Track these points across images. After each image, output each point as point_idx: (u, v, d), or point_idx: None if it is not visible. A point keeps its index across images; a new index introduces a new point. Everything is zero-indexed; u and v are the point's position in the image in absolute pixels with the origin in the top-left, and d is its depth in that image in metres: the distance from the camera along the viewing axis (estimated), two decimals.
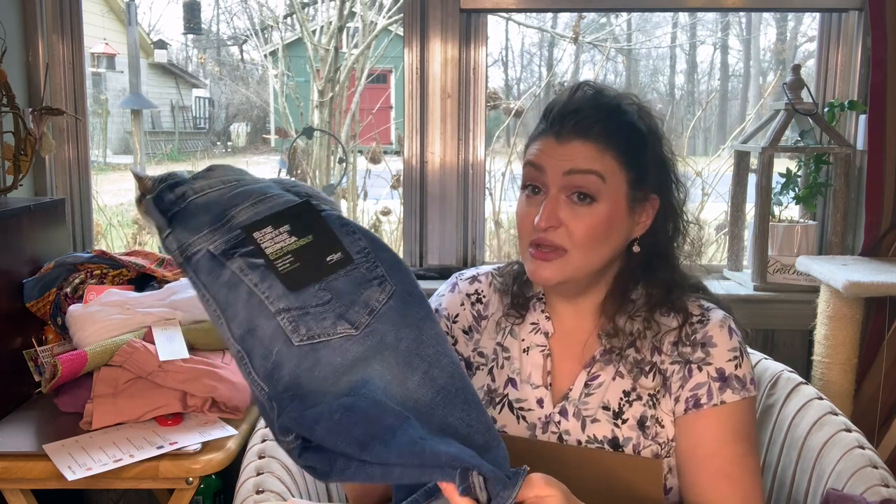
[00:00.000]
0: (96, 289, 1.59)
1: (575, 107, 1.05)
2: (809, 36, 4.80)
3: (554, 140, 1.04)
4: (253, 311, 0.81)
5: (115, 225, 3.43)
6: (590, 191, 1.02)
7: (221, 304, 0.81)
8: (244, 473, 1.13)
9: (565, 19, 3.97)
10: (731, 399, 1.04)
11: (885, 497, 1.03)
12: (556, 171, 1.03)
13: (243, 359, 0.80)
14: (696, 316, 1.08)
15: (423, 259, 2.15)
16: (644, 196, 1.07)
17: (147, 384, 1.42)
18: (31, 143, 1.82)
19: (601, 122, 1.04)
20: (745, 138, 2.10)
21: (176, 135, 7.59)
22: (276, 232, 0.84)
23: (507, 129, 3.17)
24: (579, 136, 1.03)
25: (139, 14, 6.38)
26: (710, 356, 1.06)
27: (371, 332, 0.82)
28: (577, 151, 1.03)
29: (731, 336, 1.08)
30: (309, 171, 3.24)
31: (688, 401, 1.06)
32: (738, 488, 1.03)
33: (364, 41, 3.34)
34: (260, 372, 0.80)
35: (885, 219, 1.87)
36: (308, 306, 0.82)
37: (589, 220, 1.02)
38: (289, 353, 0.80)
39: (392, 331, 0.83)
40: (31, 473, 1.30)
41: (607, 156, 1.03)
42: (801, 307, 1.87)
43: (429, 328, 0.85)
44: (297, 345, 0.80)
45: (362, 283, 0.85)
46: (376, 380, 0.81)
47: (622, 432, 1.06)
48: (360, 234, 0.88)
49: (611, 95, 1.07)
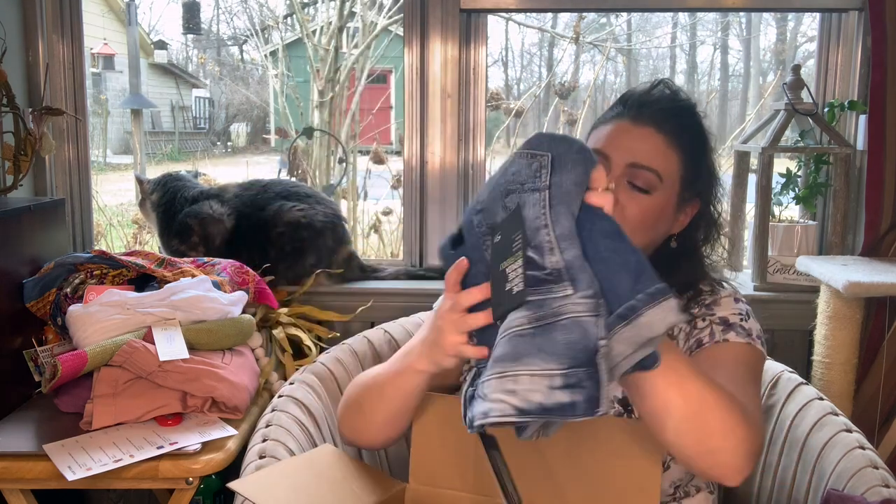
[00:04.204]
0: (96, 289, 1.59)
1: (654, 98, 1.12)
2: (809, 36, 4.80)
3: (629, 122, 1.10)
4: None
5: (115, 225, 3.44)
6: (646, 186, 1.07)
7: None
8: (244, 473, 1.13)
9: (565, 19, 3.96)
10: (734, 339, 1.07)
11: (885, 497, 1.03)
12: (620, 161, 1.08)
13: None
14: (707, 291, 1.14)
15: (423, 259, 2.15)
16: (690, 197, 1.13)
17: (147, 384, 1.42)
18: (31, 143, 1.82)
19: (677, 117, 1.10)
20: (745, 138, 2.10)
21: (176, 135, 7.59)
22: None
23: (507, 129, 3.17)
24: (654, 125, 1.09)
25: (139, 14, 6.39)
26: (714, 311, 1.11)
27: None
28: (646, 139, 1.08)
29: (738, 302, 1.13)
30: (309, 171, 3.24)
31: (690, 347, 1.09)
32: (738, 394, 0.95)
33: (364, 41, 3.34)
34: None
35: (885, 219, 1.87)
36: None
37: (644, 204, 1.07)
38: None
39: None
40: (31, 473, 1.30)
41: (671, 152, 1.09)
42: (801, 307, 1.87)
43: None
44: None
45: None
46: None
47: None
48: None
49: (688, 97, 1.15)
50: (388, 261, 2.32)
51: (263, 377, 1.64)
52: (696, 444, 0.86)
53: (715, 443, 0.86)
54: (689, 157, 1.10)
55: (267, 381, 1.65)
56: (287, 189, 2.03)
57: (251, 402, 1.54)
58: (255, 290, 1.74)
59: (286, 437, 1.23)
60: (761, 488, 1.31)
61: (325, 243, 1.98)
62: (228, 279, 1.70)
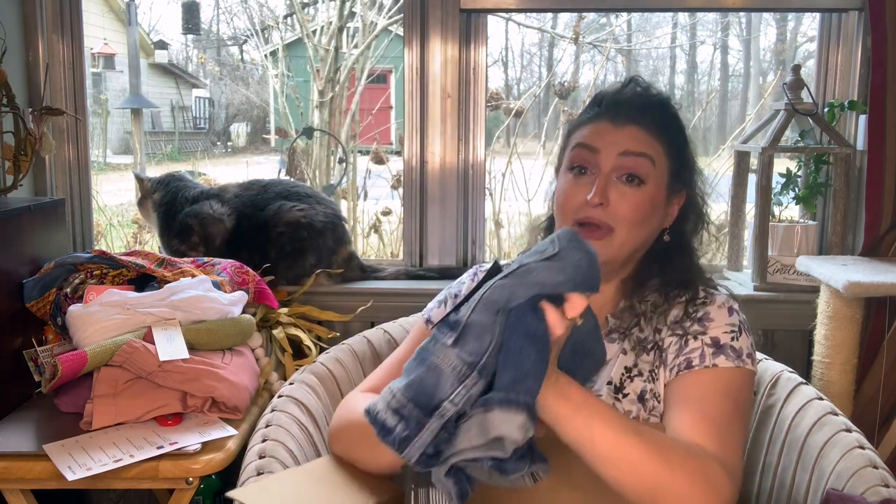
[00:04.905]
0: (96, 289, 1.59)
1: (628, 97, 1.14)
2: (809, 36, 4.80)
3: (609, 124, 1.11)
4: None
5: (115, 225, 3.44)
6: (640, 173, 1.09)
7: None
8: (244, 473, 1.13)
9: (565, 19, 3.96)
10: (723, 364, 1.06)
11: (885, 497, 1.03)
12: (611, 151, 1.09)
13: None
14: (701, 298, 1.13)
15: (423, 259, 2.15)
16: (678, 188, 1.15)
17: (147, 384, 1.42)
18: (31, 143, 1.82)
19: (654, 111, 1.13)
20: (745, 138, 2.10)
21: (176, 135, 7.60)
22: None
23: (507, 129, 3.17)
24: (634, 122, 1.11)
25: (139, 14, 6.39)
26: (706, 329, 1.10)
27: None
28: (632, 135, 1.10)
29: (731, 314, 1.11)
30: (309, 171, 3.24)
31: (679, 364, 1.08)
32: (719, 434, 0.99)
33: (364, 41, 3.34)
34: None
35: (885, 219, 1.87)
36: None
37: (635, 199, 1.08)
38: None
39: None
40: (31, 473, 1.30)
41: (656, 143, 1.11)
42: (801, 307, 1.87)
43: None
44: None
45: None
46: None
47: (622, 406, 1.08)
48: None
49: (659, 91, 1.17)
50: (387, 261, 2.32)
51: (263, 377, 1.64)
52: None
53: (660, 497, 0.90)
54: (672, 148, 1.13)
55: (267, 381, 1.65)
56: (287, 189, 2.03)
57: (251, 402, 1.54)
58: (255, 290, 1.74)
59: (286, 437, 1.23)
60: (761, 488, 1.31)
61: (325, 243, 1.98)
62: (228, 279, 1.70)
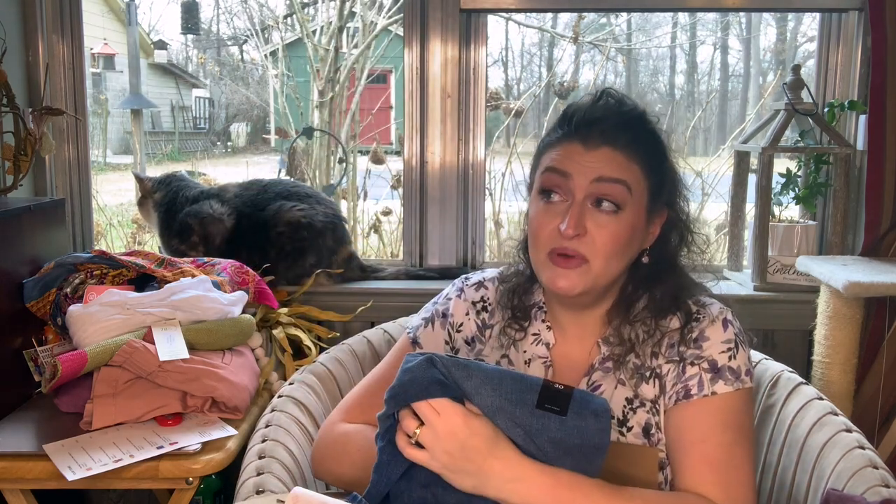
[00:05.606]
0: (96, 289, 1.59)
1: (600, 114, 1.04)
2: (809, 36, 4.80)
3: (580, 146, 1.03)
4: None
5: (115, 225, 3.44)
6: (617, 200, 1.01)
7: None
8: (244, 473, 1.13)
9: (565, 19, 3.97)
10: (722, 390, 1.03)
11: (885, 497, 1.03)
12: (584, 177, 1.01)
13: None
14: (695, 314, 1.08)
15: (423, 259, 2.15)
16: (659, 206, 1.07)
17: (147, 384, 1.42)
18: (31, 143, 1.82)
19: (630, 130, 1.03)
20: (745, 138, 2.10)
21: (176, 135, 7.60)
22: None
23: (507, 129, 3.17)
24: (608, 144, 1.02)
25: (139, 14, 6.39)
26: (703, 350, 1.05)
27: None
28: (605, 159, 1.02)
29: (726, 328, 1.07)
30: (309, 171, 3.24)
31: (678, 392, 1.05)
32: (722, 476, 0.99)
33: (364, 41, 3.34)
34: None
35: (885, 219, 1.87)
36: None
37: (613, 228, 1.01)
38: None
39: None
40: (31, 473, 1.30)
41: (634, 165, 1.03)
42: (801, 307, 1.87)
43: None
44: None
45: None
46: None
47: (628, 440, 1.05)
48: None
49: (634, 105, 1.07)
50: (387, 261, 2.32)
51: (263, 377, 1.64)
52: None
53: None
54: (650, 167, 1.04)
55: (267, 381, 1.65)
56: (287, 189, 2.03)
57: (251, 402, 1.54)
58: (255, 290, 1.74)
59: (286, 437, 1.23)
60: (761, 488, 1.31)
61: (325, 243, 1.98)
62: (228, 279, 1.70)
